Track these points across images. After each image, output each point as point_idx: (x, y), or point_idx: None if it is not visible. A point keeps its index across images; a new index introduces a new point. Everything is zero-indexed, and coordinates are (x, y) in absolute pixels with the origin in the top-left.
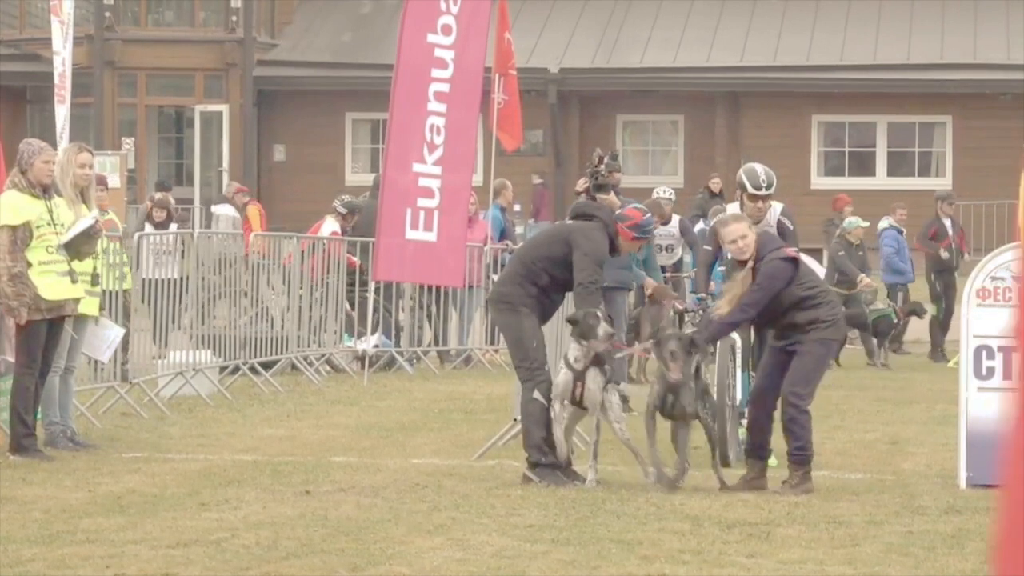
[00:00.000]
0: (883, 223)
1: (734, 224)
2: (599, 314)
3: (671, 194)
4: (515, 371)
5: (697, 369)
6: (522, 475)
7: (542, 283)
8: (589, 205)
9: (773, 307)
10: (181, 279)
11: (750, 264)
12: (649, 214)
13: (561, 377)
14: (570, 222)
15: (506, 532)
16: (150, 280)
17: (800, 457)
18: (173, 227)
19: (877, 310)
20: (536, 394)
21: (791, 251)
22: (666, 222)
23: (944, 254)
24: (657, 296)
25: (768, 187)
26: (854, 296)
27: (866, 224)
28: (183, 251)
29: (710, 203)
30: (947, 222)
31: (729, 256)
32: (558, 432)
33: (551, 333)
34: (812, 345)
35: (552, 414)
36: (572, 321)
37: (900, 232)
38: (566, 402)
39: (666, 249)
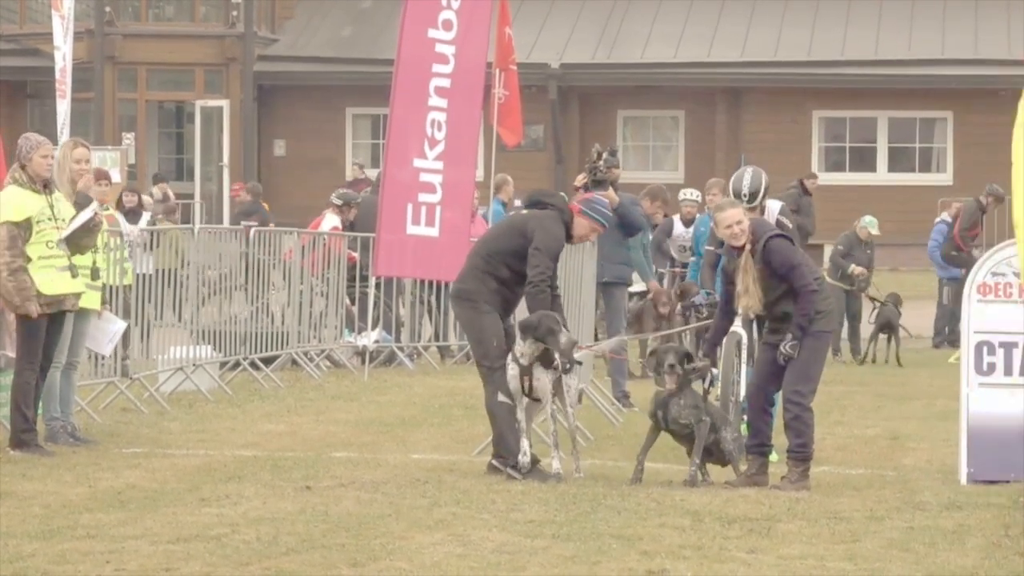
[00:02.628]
0: (938, 218)
1: (730, 210)
2: (559, 319)
3: (697, 196)
4: (477, 368)
5: (711, 383)
6: (488, 464)
7: (502, 276)
8: (543, 192)
9: (772, 289)
10: (157, 273)
11: (747, 248)
12: (604, 198)
13: (510, 373)
14: (525, 212)
15: (506, 528)
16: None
17: (801, 455)
18: (146, 216)
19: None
20: (501, 396)
21: (780, 231)
22: (690, 222)
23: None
24: (654, 298)
25: (751, 198)
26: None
27: (872, 225)
28: (147, 244)
29: (802, 200)
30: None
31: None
32: (520, 415)
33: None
34: (806, 340)
35: (496, 400)
36: (527, 327)
37: (951, 227)
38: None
39: (689, 249)
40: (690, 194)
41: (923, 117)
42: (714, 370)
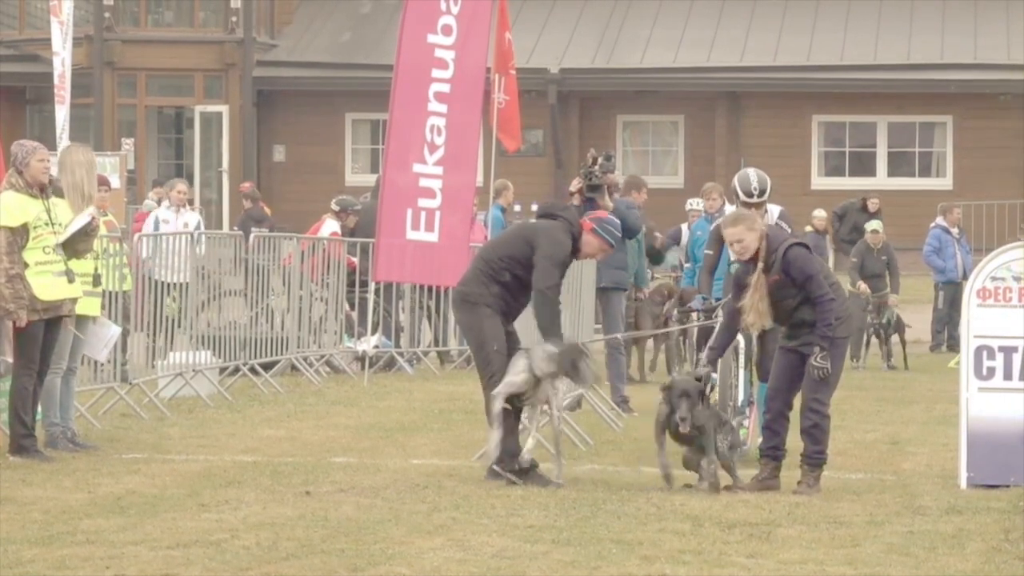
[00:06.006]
0: (934, 223)
1: (731, 228)
2: (584, 351)
3: (701, 205)
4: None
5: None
6: (489, 469)
7: (504, 281)
8: (554, 205)
9: (786, 301)
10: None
11: (760, 266)
12: (616, 219)
13: (521, 378)
14: (534, 221)
15: (506, 533)
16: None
17: (818, 460)
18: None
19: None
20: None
21: (798, 239)
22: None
23: None
24: (651, 295)
25: (760, 194)
26: (881, 299)
27: (877, 227)
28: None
29: (857, 215)
30: None
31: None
32: (496, 406)
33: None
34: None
35: (494, 404)
36: (558, 357)
37: (947, 231)
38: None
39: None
40: (696, 204)
41: (923, 121)
42: (713, 375)
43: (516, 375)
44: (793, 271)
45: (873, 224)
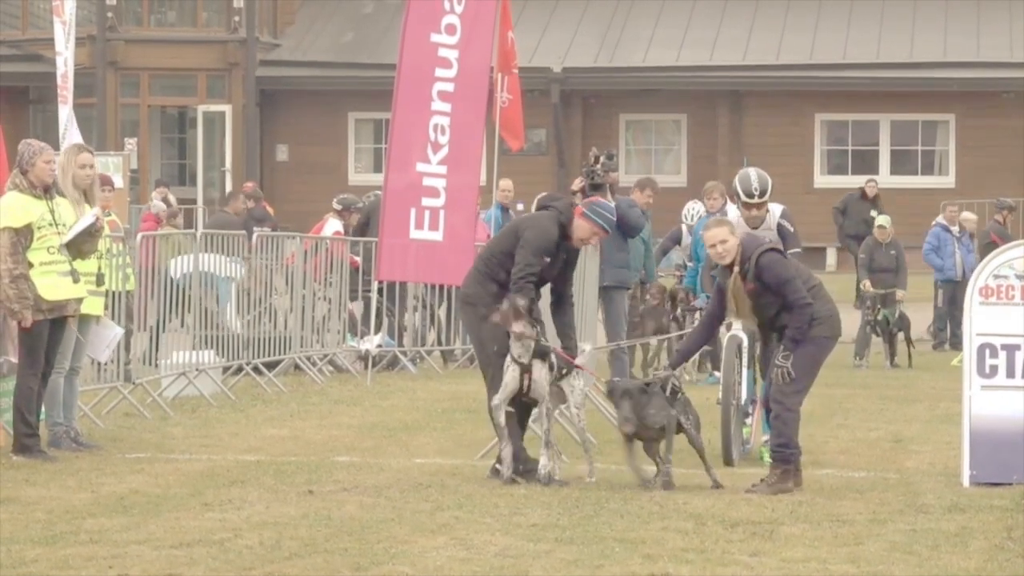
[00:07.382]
0: (935, 221)
1: (714, 229)
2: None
3: (702, 209)
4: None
5: (673, 391)
6: (491, 468)
7: (500, 279)
8: (550, 196)
9: (769, 304)
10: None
11: (736, 270)
12: (611, 203)
13: (509, 376)
14: (526, 215)
15: (509, 531)
16: None
17: (780, 455)
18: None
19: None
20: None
21: (771, 245)
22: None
23: None
24: (651, 296)
25: (761, 194)
26: (889, 295)
27: (884, 222)
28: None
29: (858, 204)
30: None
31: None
32: (499, 418)
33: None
34: (804, 345)
35: (492, 404)
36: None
37: (947, 230)
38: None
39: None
40: (696, 207)
41: (925, 120)
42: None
43: (506, 376)
44: (767, 277)
45: (881, 220)
